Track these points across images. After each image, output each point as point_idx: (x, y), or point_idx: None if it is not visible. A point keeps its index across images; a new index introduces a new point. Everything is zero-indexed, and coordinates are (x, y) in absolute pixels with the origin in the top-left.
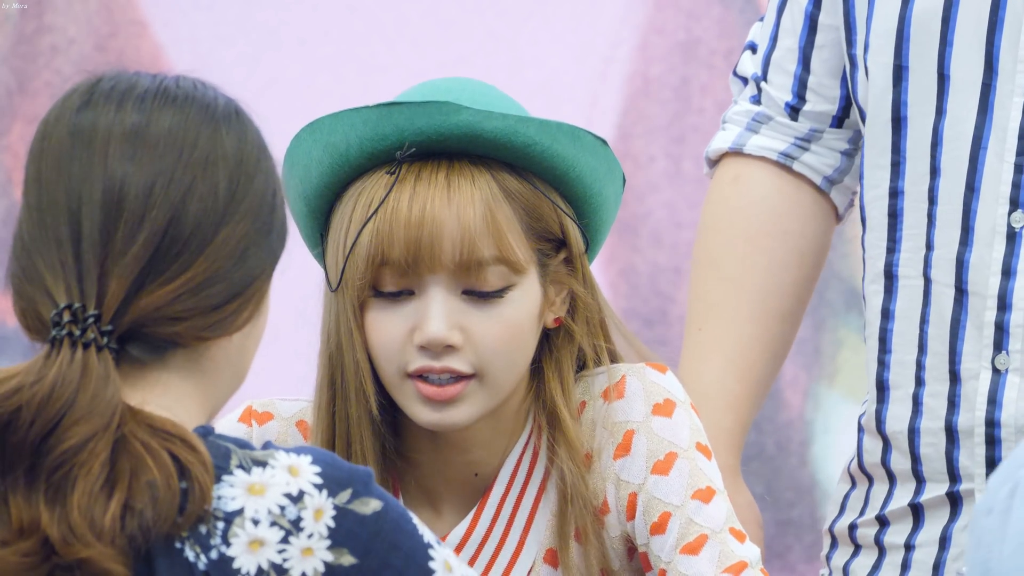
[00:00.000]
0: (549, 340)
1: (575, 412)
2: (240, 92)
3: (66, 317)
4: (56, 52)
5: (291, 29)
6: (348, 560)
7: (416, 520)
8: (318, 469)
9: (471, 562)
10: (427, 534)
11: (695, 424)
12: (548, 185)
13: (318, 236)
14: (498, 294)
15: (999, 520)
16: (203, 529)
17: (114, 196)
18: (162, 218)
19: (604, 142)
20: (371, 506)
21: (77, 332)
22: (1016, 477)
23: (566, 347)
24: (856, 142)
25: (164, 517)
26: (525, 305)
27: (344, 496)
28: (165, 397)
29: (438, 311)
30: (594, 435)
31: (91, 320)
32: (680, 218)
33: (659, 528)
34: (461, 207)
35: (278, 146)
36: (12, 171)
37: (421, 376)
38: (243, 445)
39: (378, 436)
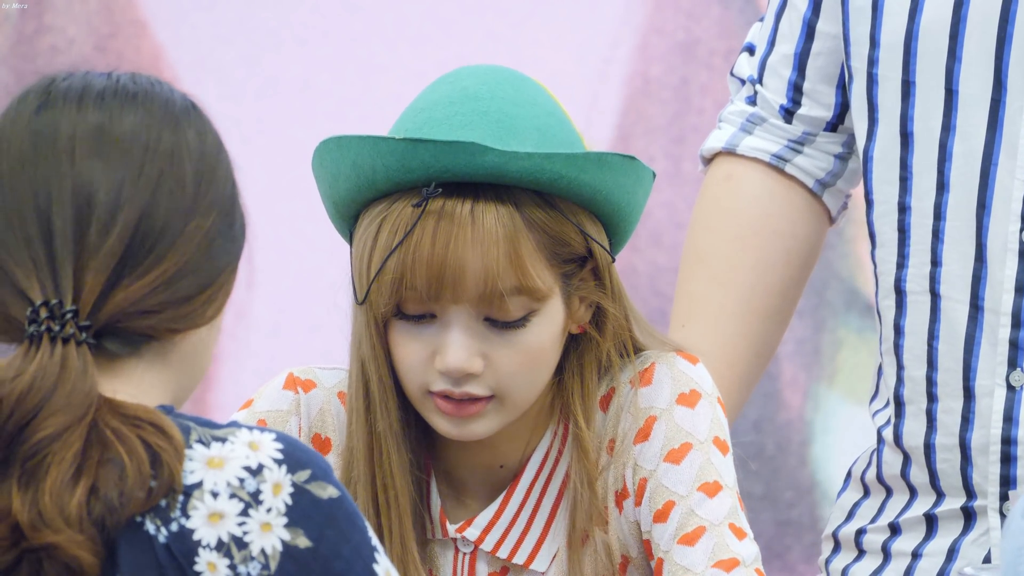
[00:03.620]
0: (576, 343)
1: (592, 417)
2: (240, 92)
3: (43, 314)
4: (56, 52)
5: (291, 29)
6: (303, 542)
7: (367, 524)
8: (280, 446)
9: (497, 545)
10: (375, 539)
11: (717, 417)
12: (575, 206)
13: (348, 234)
14: (520, 323)
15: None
16: (163, 503)
17: (84, 193)
18: (134, 213)
19: (632, 158)
20: (328, 492)
21: (56, 328)
22: None
23: (590, 352)
24: (850, 146)
25: (132, 500)
26: (547, 328)
27: (303, 475)
28: (136, 387)
29: (458, 341)
30: (619, 421)
31: (69, 316)
32: (680, 218)
33: (662, 516)
34: (485, 244)
35: (278, 146)
36: None
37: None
38: (204, 423)
39: (402, 449)
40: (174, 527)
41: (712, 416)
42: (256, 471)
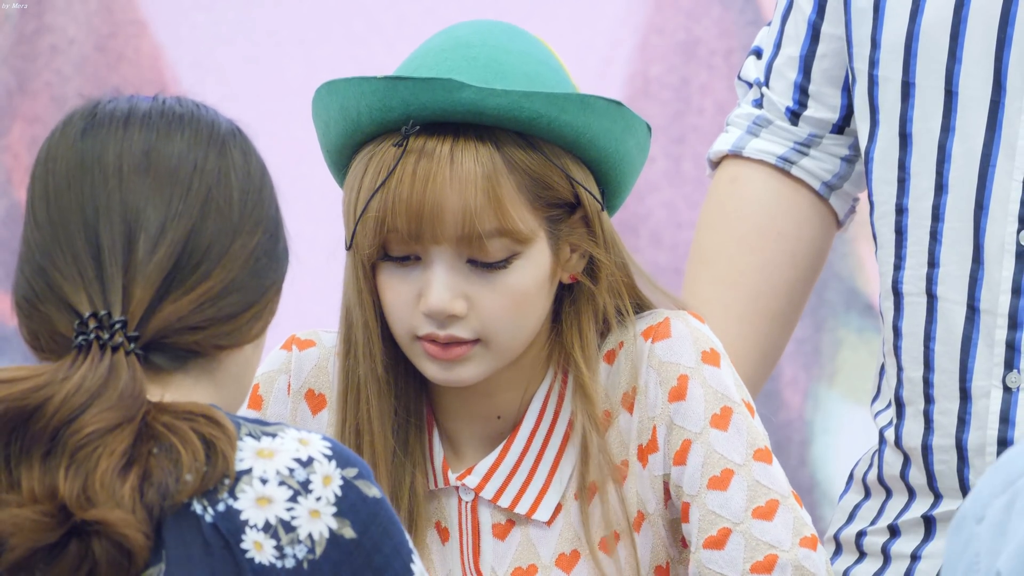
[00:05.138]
0: (572, 293)
1: (594, 365)
2: (240, 92)
3: (92, 324)
4: (56, 52)
5: (291, 29)
6: (349, 533)
7: (403, 527)
8: (328, 444)
9: (498, 494)
10: (411, 542)
11: (737, 378)
12: (560, 150)
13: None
14: (502, 264)
15: (993, 531)
16: (211, 486)
17: (133, 209)
18: (182, 230)
19: (618, 103)
20: (372, 491)
21: (105, 336)
22: (1015, 488)
23: (587, 302)
24: (857, 148)
25: (185, 485)
26: (531, 272)
27: (351, 472)
28: (184, 398)
29: (440, 281)
30: (637, 373)
31: (118, 326)
32: (680, 218)
33: (719, 484)
34: (463, 183)
35: (278, 146)
36: (12, 171)
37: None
38: (253, 421)
39: (384, 395)
40: (221, 507)
41: (734, 376)
42: (306, 463)
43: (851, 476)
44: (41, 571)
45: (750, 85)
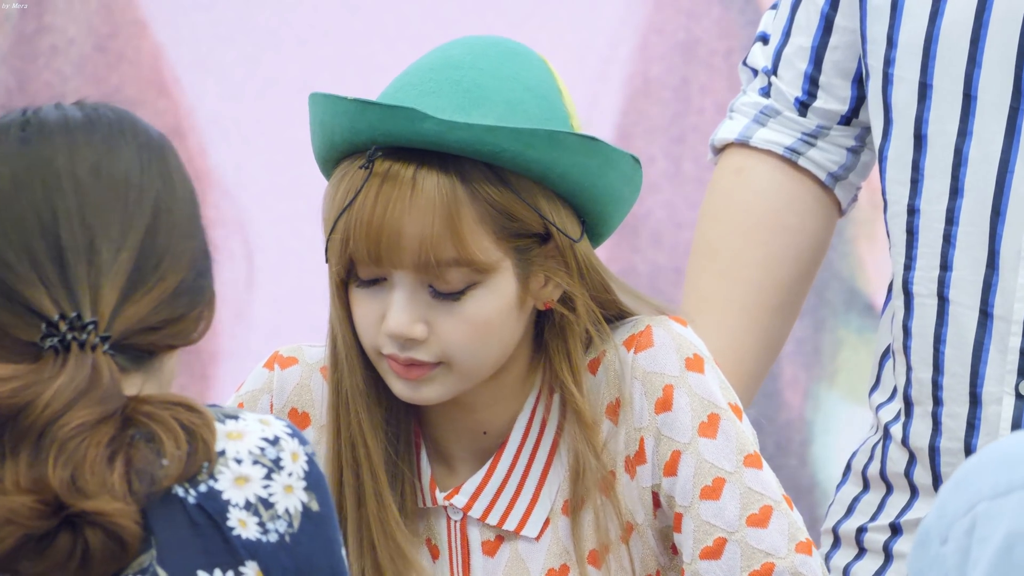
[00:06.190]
0: (553, 316)
1: (584, 386)
2: (240, 92)
3: (63, 327)
4: (56, 52)
5: (291, 29)
6: (315, 506)
7: None
8: (284, 423)
9: (486, 512)
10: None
11: (723, 380)
12: (531, 182)
13: None
14: (460, 293)
15: (958, 556)
16: (193, 472)
17: (92, 213)
18: (140, 231)
19: (593, 139)
20: (321, 465)
21: (82, 337)
22: (975, 512)
23: (570, 326)
24: (863, 139)
25: (168, 472)
26: (493, 301)
27: (309, 448)
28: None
29: (399, 306)
30: (621, 383)
31: (91, 327)
32: (680, 218)
33: (712, 493)
34: (422, 210)
35: (278, 145)
36: None
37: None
38: (212, 406)
39: (373, 408)
40: (203, 488)
41: (719, 380)
42: (274, 441)
43: (848, 467)
44: (27, 566)
45: (755, 72)
